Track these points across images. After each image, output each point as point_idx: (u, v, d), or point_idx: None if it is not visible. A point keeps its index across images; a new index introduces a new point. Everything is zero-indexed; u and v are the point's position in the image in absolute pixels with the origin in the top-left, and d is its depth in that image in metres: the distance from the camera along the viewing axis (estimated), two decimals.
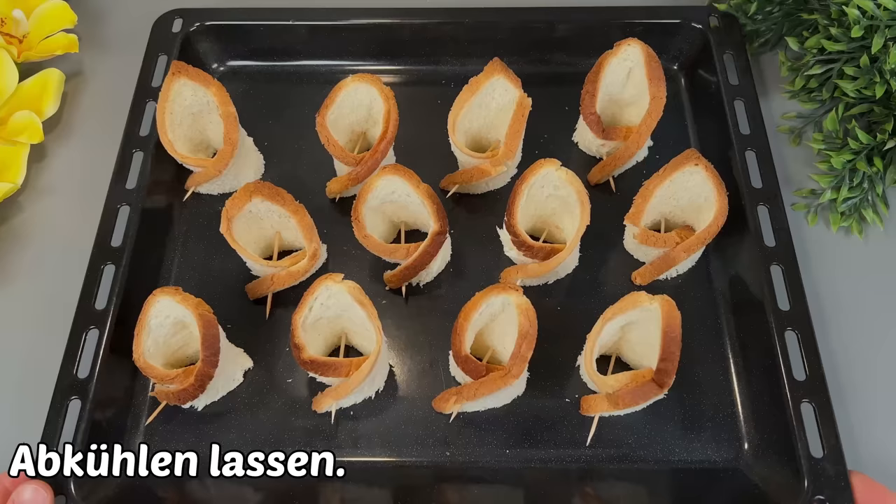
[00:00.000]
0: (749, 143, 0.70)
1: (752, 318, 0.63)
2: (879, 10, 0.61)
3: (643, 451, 0.60)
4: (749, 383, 0.62)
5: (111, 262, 0.64)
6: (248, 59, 0.80)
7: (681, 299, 0.58)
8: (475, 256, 0.69)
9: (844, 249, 0.69)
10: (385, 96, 0.66)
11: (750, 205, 0.66)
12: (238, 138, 0.67)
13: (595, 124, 0.69)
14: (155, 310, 0.57)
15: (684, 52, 0.78)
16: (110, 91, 0.79)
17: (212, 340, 0.56)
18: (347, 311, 0.59)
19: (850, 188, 0.68)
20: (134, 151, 0.70)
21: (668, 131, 0.75)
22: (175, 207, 0.71)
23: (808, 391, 0.58)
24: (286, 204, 0.62)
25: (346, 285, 0.57)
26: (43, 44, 0.79)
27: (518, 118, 0.66)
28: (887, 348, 0.64)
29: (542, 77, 0.79)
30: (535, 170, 0.62)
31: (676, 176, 0.62)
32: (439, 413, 0.61)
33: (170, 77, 0.67)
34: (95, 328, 0.61)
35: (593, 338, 0.57)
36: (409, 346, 0.65)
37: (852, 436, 0.60)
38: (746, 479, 0.58)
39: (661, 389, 0.56)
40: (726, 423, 0.61)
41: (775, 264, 0.63)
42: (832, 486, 0.54)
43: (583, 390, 0.62)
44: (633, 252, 0.69)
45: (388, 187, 0.62)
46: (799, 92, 0.74)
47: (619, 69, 0.69)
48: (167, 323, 0.58)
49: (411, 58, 0.80)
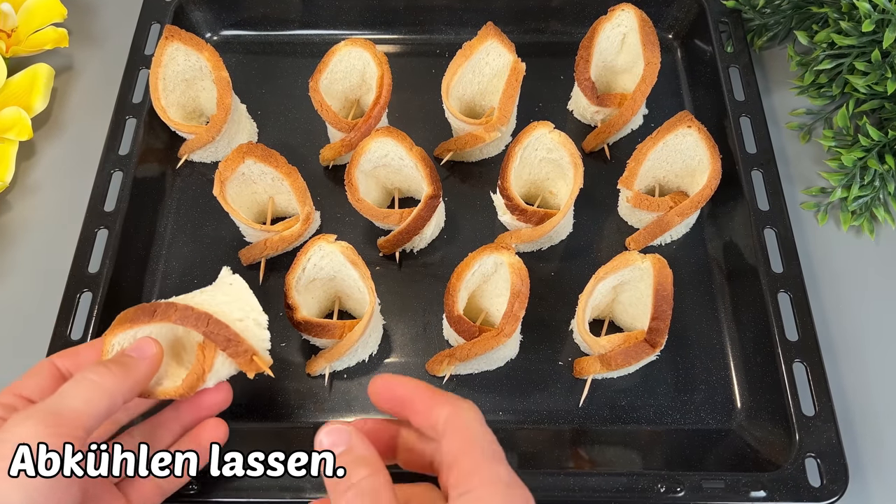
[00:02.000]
0: (743, 109, 0.71)
1: (745, 281, 0.64)
2: (891, 3, 0.61)
3: (636, 413, 0.61)
4: (742, 346, 0.63)
5: (104, 226, 0.65)
6: (242, 29, 0.81)
7: (675, 265, 0.59)
8: (469, 223, 0.70)
9: (855, 249, 0.69)
10: (378, 61, 0.68)
11: (744, 169, 0.67)
12: (231, 103, 0.68)
13: (589, 90, 0.70)
14: None
15: (680, 21, 0.80)
16: (101, 86, 0.79)
17: None
18: (340, 272, 0.60)
19: (860, 186, 0.68)
20: (127, 118, 0.71)
21: (663, 100, 0.77)
22: (168, 175, 0.73)
23: (801, 351, 0.59)
24: (279, 166, 0.63)
25: (339, 245, 0.59)
26: (32, 38, 0.79)
27: (512, 83, 0.67)
28: (885, 320, 0.66)
29: (537, 46, 0.80)
30: (528, 132, 0.63)
31: (669, 138, 0.64)
32: (433, 376, 0.62)
33: (163, 41, 0.68)
34: (89, 291, 0.62)
35: (585, 297, 0.59)
36: (402, 311, 0.66)
37: (845, 396, 0.61)
38: (739, 440, 0.59)
39: (653, 349, 0.57)
40: (719, 385, 0.62)
41: (769, 227, 0.65)
42: (823, 444, 0.55)
43: (576, 353, 0.63)
44: (627, 218, 0.70)
45: (381, 150, 0.63)
46: (808, 87, 0.74)
47: (614, 35, 0.70)
48: None
49: (405, 27, 0.81)
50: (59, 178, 0.74)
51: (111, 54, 0.80)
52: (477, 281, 0.61)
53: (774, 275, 0.62)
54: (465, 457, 0.39)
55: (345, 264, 0.59)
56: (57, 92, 0.79)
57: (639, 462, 0.60)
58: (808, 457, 0.55)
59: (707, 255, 0.68)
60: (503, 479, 0.39)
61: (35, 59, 0.79)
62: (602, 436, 0.60)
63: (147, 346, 0.48)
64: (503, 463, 0.40)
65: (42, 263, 0.69)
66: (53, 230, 0.70)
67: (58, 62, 0.81)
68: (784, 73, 0.79)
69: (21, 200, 0.73)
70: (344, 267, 0.59)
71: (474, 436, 0.40)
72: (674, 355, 0.63)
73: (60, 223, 0.70)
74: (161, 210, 0.71)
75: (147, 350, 0.48)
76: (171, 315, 0.48)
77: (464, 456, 0.39)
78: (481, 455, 0.39)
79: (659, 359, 0.61)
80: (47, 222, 0.71)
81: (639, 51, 0.69)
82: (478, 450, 0.39)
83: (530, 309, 0.58)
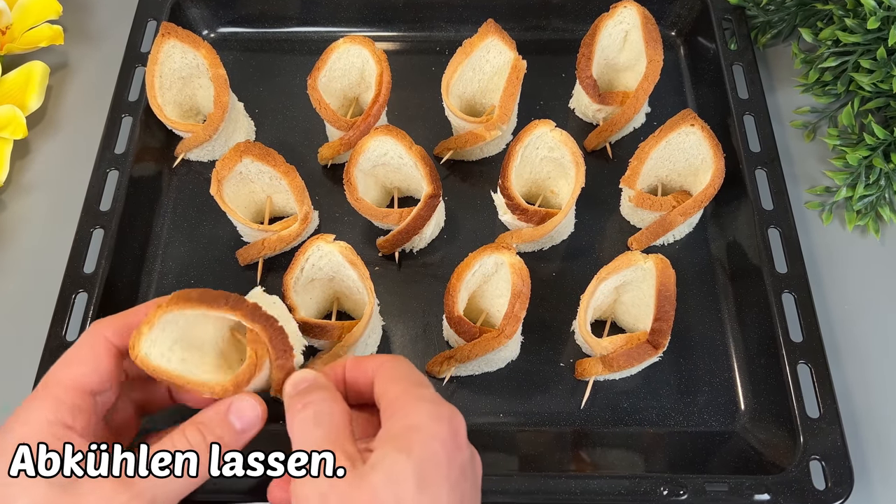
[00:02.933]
0: (747, 108, 0.71)
1: (749, 282, 0.64)
2: None
3: (639, 415, 0.61)
4: (746, 347, 0.63)
5: (100, 225, 0.65)
6: (239, 26, 0.81)
7: (678, 265, 0.59)
8: (469, 222, 0.70)
9: (860, 249, 0.69)
10: (378, 59, 0.68)
11: (748, 168, 0.67)
12: (228, 101, 0.68)
13: (591, 88, 0.70)
14: None
15: (683, 18, 0.80)
16: (96, 84, 0.79)
17: None
18: (339, 272, 0.60)
19: (866, 185, 0.68)
20: (123, 116, 0.71)
21: (666, 99, 0.77)
22: (164, 174, 0.73)
23: (805, 352, 0.59)
24: (277, 165, 0.63)
25: (337, 245, 0.58)
26: (27, 35, 0.79)
27: (512, 80, 0.67)
28: (891, 321, 0.65)
29: (538, 44, 0.80)
30: (529, 130, 0.63)
31: (672, 137, 0.63)
32: (433, 377, 0.62)
33: (159, 39, 0.68)
34: (84, 291, 0.62)
35: (587, 298, 0.59)
36: (402, 312, 0.66)
37: (850, 398, 0.61)
38: (743, 442, 0.59)
39: (655, 350, 0.57)
40: (723, 387, 0.62)
41: (773, 227, 0.64)
42: (828, 447, 0.55)
43: (578, 355, 0.63)
44: (629, 218, 0.70)
45: (381, 149, 0.63)
46: (813, 85, 0.74)
47: (616, 32, 0.70)
48: None
49: (405, 24, 0.81)
50: (54, 177, 0.74)
51: (107, 52, 0.80)
52: (477, 281, 0.61)
53: (778, 275, 0.62)
54: (392, 385, 0.43)
55: (343, 264, 0.58)
56: (52, 90, 0.79)
57: (641, 465, 0.60)
58: (813, 459, 0.55)
59: (710, 255, 0.68)
60: (427, 398, 0.42)
61: (30, 56, 0.79)
62: (604, 438, 0.60)
63: (251, 410, 0.45)
64: (428, 388, 0.43)
65: (37, 263, 0.69)
66: (48, 230, 0.70)
67: (53, 60, 0.81)
68: (788, 70, 0.79)
69: (15, 200, 0.73)
70: (343, 267, 0.59)
71: (399, 371, 0.44)
72: (677, 357, 0.63)
73: (55, 223, 0.70)
74: (157, 209, 0.71)
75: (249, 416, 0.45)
76: (240, 308, 0.46)
77: (390, 385, 0.43)
78: (407, 382, 0.43)
79: (661, 360, 0.61)
80: (42, 222, 0.71)
81: (641, 48, 0.69)
82: (403, 380, 0.43)
83: (531, 310, 0.58)
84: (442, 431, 0.40)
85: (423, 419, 0.40)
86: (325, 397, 0.43)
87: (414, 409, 0.41)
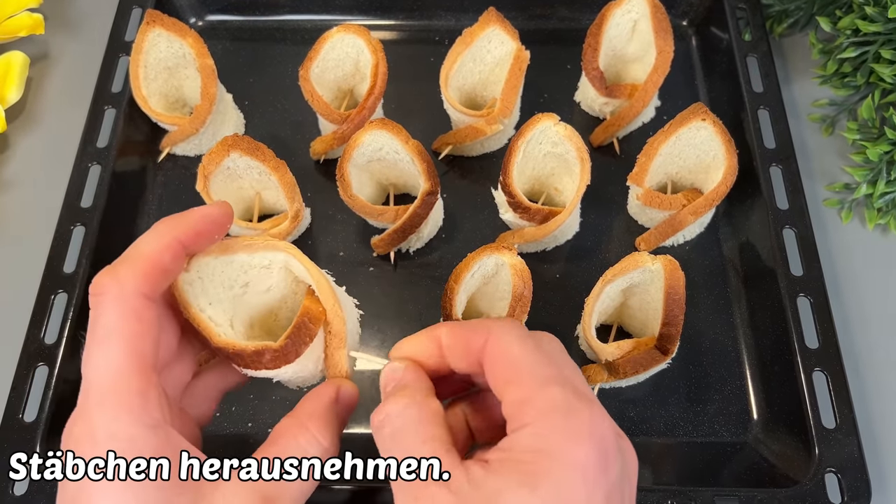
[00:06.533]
0: (762, 101, 0.71)
1: (762, 285, 0.64)
2: None
3: (646, 424, 0.61)
4: (759, 353, 0.63)
5: (80, 223, 0.65)
6: (228, 14, 0.81)
7: (688, 267, 0.59)
8: (469, 221, 0.70)
9: (881, 249, 0.69)
10: (373, 49, 0.67)
11: (762, 165, 0.67)
12: (216, 93, 0.68)
13: (598, 80, 0.70)
14: None
15: (694, 7, 0.80)
16: (78, 75, 0.79)
17: None
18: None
19: (887, 182, 0.67)
20: (105, 108, 0.71)
21: (676, 92, 0.76)
22: (149, 170, 0.73)
23: (821, 359, 0.59)
24: (266, 160, 0.63)
25: None
26: (5, 24, 0.78)
27: (515, 72, 0.67)
28: None
29: (542, 34, 0.80)
30: (532, 124, 0.63)
31: (682, 132, 0.63)
32: None
33: (144, 27, 0.68)
34: (64, 292, 0.62)
35: (592, 301, 0.59)
36: (398, 315, 0.66)
37: (867, 408, 0.61)
38: (755, 453, 0.59)
39: (664, 357, 0.57)
40: (734, 395, 0.62)
41: (788, 227, 0.64)
42: (845, 458, 0.55)
43: (582, 361, 0.63)
44: (637, 217, 0.70)
45: (375, 143, 0.63)
46: (831, 77, 0.73)
47: (624, 21, 0.70)
48: None
49: (402, 12, 0.81)
50: (33, 173, 0.74)
51: (89, 41, 0.80)
52: (477, 283, 0.61)
53: (794, 278, 0.62)
54: (511, 387, 0.35)
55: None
56: (32, 81, 0.79)
57: (649, 477, 0.60)
58: (829, 472, 0.55)
59: (722, 256, 0.68)
60: (558, 405, 0.34)
61: (9, 46, 0.79)
62: None
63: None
64: (556, 383, 0.35)
65: (14, 263, 0.69)
66: (27, 228, 0.70)
67: (33, 50, 0.81)
68: (805, 61, 0.79)
69: None
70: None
71: (515, 360, 0.36)
72: (686, 363, 0.63)
73: (34, 220, 0.70)
74: (141, 206, 0.71)
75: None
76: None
77: (509, 387, 0.36)
78: (530, 379, 0.35)
79: (670, 367, 0.61)
80: (20, 219, 0.71)
81: (651, 38, 0.69)
82: (524, 376, 0.35)
83: (533, 313, 0.58)
84: (580, 456, 0.33)
85: (557, 441, 0.33)
86: (401, 410, 0.37)
87: (544, 423, 0.34)
